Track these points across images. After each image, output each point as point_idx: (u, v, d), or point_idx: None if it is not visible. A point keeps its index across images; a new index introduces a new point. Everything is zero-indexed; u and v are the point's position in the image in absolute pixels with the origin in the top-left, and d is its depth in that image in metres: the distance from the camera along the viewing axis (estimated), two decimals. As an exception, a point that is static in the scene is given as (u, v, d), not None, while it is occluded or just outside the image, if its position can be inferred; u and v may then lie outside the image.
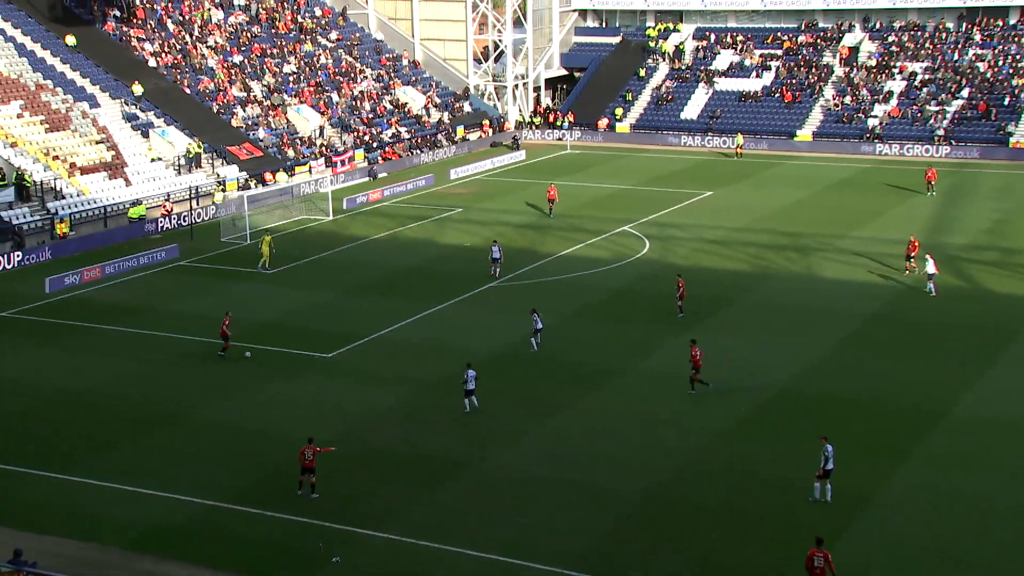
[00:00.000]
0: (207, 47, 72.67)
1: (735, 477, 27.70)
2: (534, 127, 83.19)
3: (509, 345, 37.45)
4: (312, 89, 73.77)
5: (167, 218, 55.34)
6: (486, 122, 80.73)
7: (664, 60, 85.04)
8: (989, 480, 27.19)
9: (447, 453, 29.35)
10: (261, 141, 66.32)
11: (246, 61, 73.44)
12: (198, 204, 57.86)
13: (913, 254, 43.66)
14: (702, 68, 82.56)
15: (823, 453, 26.21)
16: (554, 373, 34.85)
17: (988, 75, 74.59)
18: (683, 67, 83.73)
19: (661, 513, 26.14)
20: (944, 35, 79.03)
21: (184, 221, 55.63)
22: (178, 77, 68.14)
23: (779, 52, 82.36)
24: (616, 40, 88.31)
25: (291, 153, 66.53)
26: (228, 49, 73.49)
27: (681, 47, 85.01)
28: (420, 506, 26.65)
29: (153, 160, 60.41)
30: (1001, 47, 76.62)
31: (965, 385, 32.91)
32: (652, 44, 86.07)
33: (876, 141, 72.46)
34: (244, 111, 68.28)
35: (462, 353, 36.57)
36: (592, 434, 30.38)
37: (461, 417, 31.52)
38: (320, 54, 78.39)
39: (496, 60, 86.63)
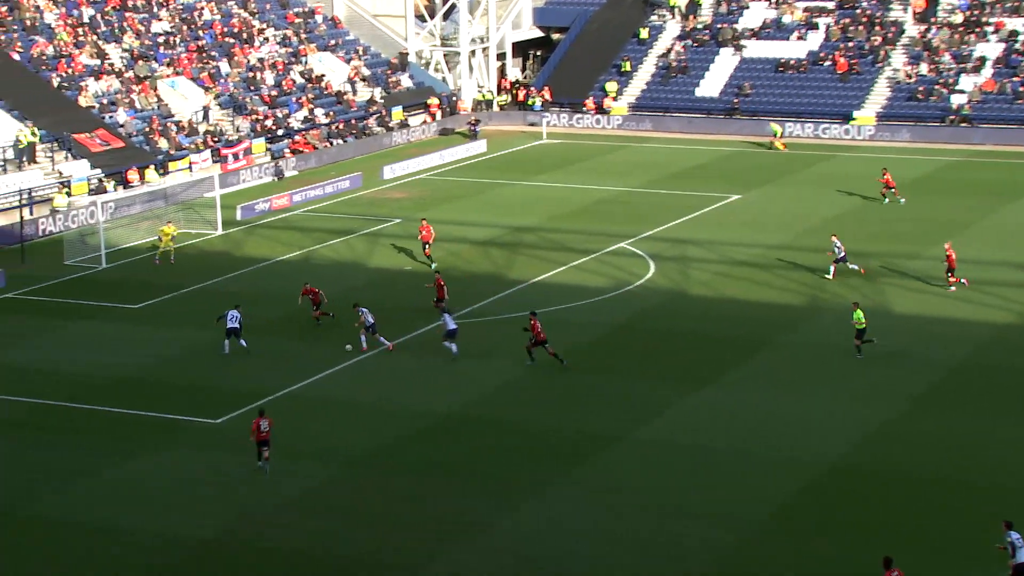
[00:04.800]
0: (47, -2, 72.36)
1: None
2: (499, 108, 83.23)
3: (465, 405, 37.33)
4: (192, 56, 73.42)
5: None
6: (433, 101, 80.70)
7: (673, 16, 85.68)
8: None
9: (383, 555, 28.94)
10: (122, 127, 65.86)
11: (99, 16, 73.02)
12: (32, 213, 57.33)
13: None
14: (725, 26, 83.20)
15: (1008, 542, 25.90)
16: (522, 443, 34.59)
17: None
18: (699, 26, 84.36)
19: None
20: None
21: (12, 237, 54.94)
22: (2, 38, 67.59)
23: (830, 5, 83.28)
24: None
25: (164, 144, 66.10)
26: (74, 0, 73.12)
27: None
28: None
29: (-30, 153, 59.96)
30: None
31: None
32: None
33: (963, 125, 73.25)
34: (97, 85, 67.86)
35: (402, 415, 36.20)
36: (578, 529, 30.12)
37: (397, 505, 31.16)
38: (203, 7, 78.12)
39: (446, 17, 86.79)
